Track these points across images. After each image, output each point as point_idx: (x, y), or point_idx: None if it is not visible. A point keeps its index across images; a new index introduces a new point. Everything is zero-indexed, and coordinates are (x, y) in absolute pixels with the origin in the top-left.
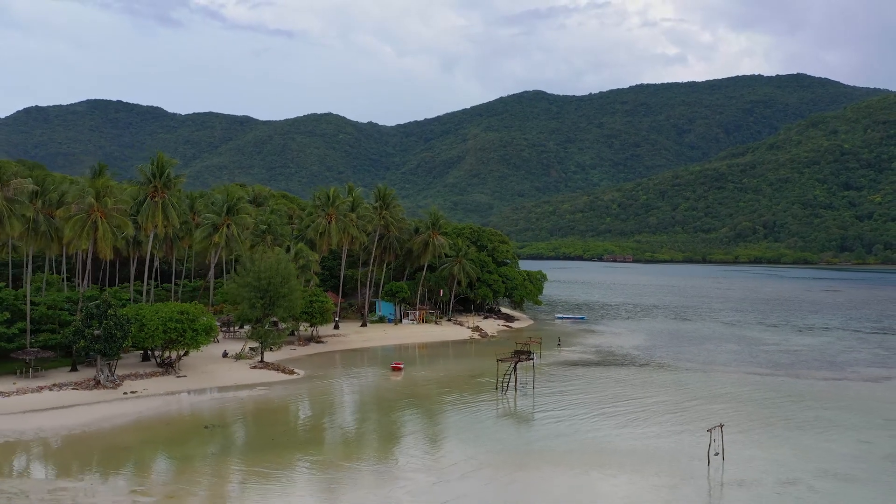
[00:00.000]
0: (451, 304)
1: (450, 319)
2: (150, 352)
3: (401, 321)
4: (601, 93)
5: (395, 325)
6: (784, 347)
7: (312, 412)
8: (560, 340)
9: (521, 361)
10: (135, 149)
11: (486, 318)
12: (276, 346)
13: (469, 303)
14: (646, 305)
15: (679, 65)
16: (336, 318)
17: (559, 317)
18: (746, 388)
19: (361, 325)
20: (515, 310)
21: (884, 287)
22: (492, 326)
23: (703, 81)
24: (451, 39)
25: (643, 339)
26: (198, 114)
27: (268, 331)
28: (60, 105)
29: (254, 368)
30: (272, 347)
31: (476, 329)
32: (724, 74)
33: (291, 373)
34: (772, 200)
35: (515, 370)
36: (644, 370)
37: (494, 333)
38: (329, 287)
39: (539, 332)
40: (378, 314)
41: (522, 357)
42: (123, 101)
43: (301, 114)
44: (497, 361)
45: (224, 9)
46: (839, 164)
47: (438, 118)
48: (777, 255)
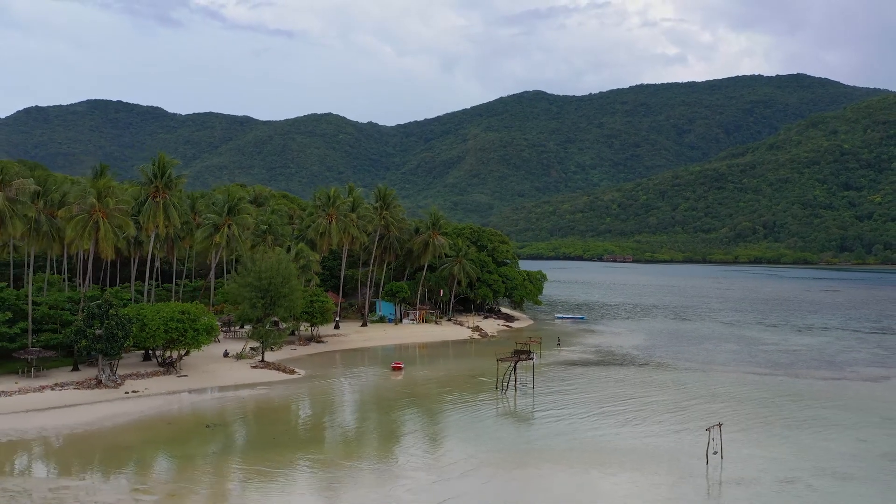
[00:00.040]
0: (451, 304)
1: (450, 319)
2: (152, 351)
3: (401, 321)
4: (601, 93)
5: (396, 325)
6: (783, 347)
7: (313, 411)
8: (560, 340)
9: (521, 361)
10: (135, 149)
11: (486, 318)
12: (277, 346)
13: (469, 303)
14: (645, 305)
15: (679, 65)
16: (336, 318)
17: (559, 317)
18: (745, 388)
19: (362, 325)
20: (515, 310)
21: (883, 287)
22: (492, 326)
23: (703, 81)
24: (451, 39)
25: (643, 339)
26: (198, 114)
27: (269, 330)
28: (60, 105)
29: (255, 368)
30: (273, 347)
31: (476, 329)
32: (724, 74)
33: (292, 372)
34: (772, 200)
35: (515, 370)
36: (643, 370)
37: (494, 333)
38: (329, 287)
39: (539, 332)
40: (378, 314)
41: (522, 357)
42: (123, 101)
43: (301, 114)
44: (497, 361)
45: (224, 9)
46: (839, 165)
47: (438, 118)
48: (777, 256)
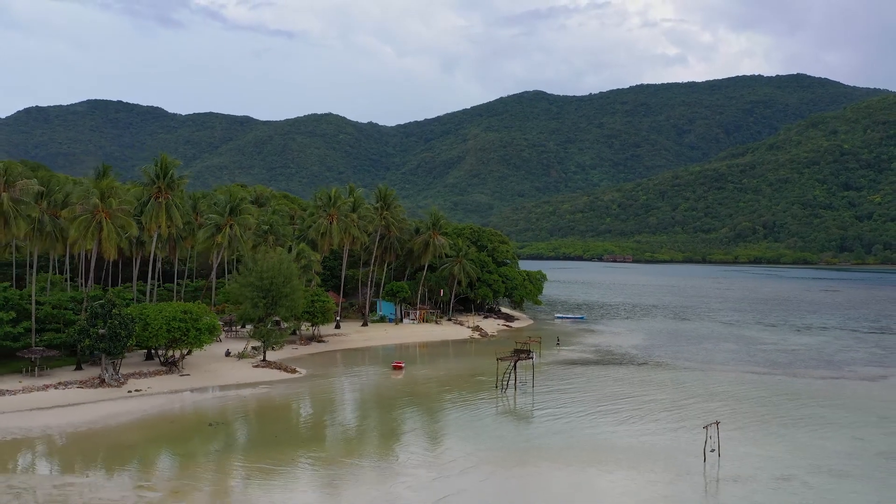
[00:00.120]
0: (452, 304)
1: (450, 319)
2: (154, 351)
3: (401, 321)
4: (601, 93)
5: (396, 325)
6: (782, 347)
7: (314, 410)
8: (559, 340)
9: (521, 360)
10: (135, 149)
11: (486, 318)
12: (279, 346)
13: (469, 303)
14: (645, 305)
15: (679, 65)
16: (337, 318)
17: (559, 316)
18: (743, 387)
19: (362, 325)
20: (515, 310)
21: (882, 287)
22: (492, 326)
23: (703, 82)
24: (452, 40)
25: (642, 339)
26: (198, 114)
27: (270, 330)
28: (61, 105)
29: (256, 367)
30: (274, 346)
31: (476, 329)
32: (724, 75)
33: (293, 371)
34: (771, 201)
35: (515, 369)
36: (642, 369)
37: (494, 333)
38: (330, 287)
39: (539, 332)
40: (379, 314)
41: (522, 356)
42: (124, 102)
43: (301, 114)
44: (497, 360)
45: (224, 9)
46: (839, 165)
47: (438, 118)
48: (777, 256)
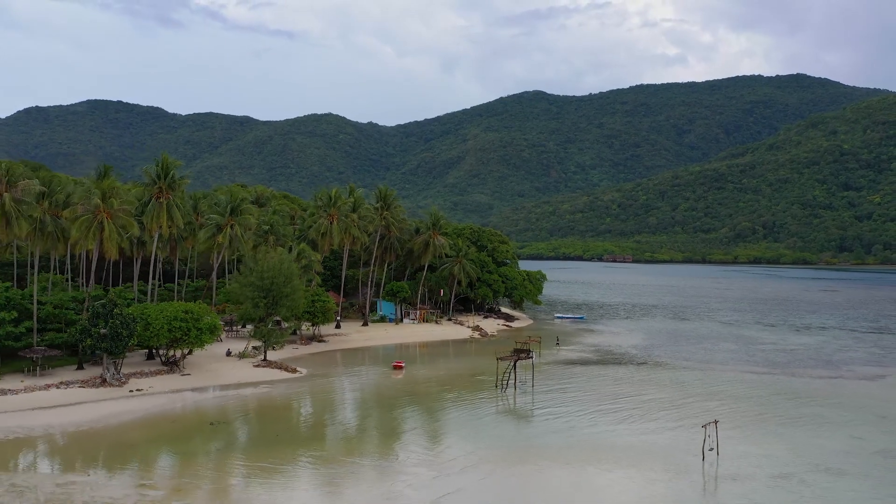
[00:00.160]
0: (452, 304)
1: (450, 319)
2: (155, 350)
3: (401, 321)
4: (601, 93)
5: (396, 325)
6: (781, 346)
7: (315, 409)
8: (559, 340)
9: (521, 360)
10: (135, 149)
11: (486, 318)
12: (279, 345)
13: (469, 302)
14: (644, 305)
15: (679, 65)
16: (338, 318)
17: (558, 316)
18: (742, 386)
19: (363, 325)
20: (515, 309)
21: (882, 287)
22: (492, 326)
23: (703, 82)
24: (452, 40)
25: (641, 339)
26: (198, 114)
27: (271, 330)
28: (61, 105)
29: (257, 367)
30: (275, 346)
31: (476, 328)
32: (724, 75)
33: (294, 371)
34: (771, 201)
35: (515, 368)
36: (641, 369)
37: (494, 333)
38: (331, 287)
39: (538, 332)
40: (379, 314)
41: (522, 356)
42: (124, 102)
43: (301, 114)
44: (497, 360)
45: (224, 9)
46: (839, 165)
47: (438, 118)
48: (776, 256)
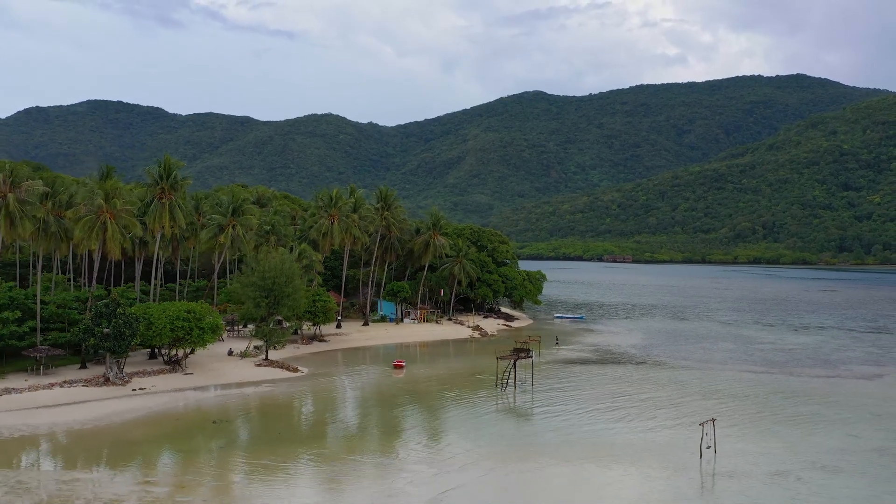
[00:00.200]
0: (452, 304)
1: (450, 319)
2: (158, 350)
3: (402, 320)
4: (601, 93)
5: (397, 325)
6: (779, 346)
7: (316, 408)
8: (558, 339)
9: (521, 359)
10: (135, 149)
11: (486, 318)
12: (280, 345)
13: (469, 302)
14: (644, 305)
15: (679, 65)
16: (338, 318)
17: (558, 316)
18: (740, 385)
19: (363, 325)
20: (515, 309)
21: (881, 287)
22: (492, 325)
23: (703, 82)
24: (452, 40)
25: (640, 338)
26: (198, 114)
27: (272, 329)
28: (61, 105)
29: (259, 366)
30: (276, 346)
31: (476, 328)
32: (724, 75)
33: (295, 370)
34: (771, 201)
35: (515, 368)
36: (640, 368)
37: (494, 332)
38: (331, 287)
39: (538, 331)
40: (380, 313)
41: (521, 355)
42: (124, 102)
43: (301, 114)
44: (497, 359)
45: (224, 9)
46: (838, 165)
47: (438, 118)
48: (776, 256)
